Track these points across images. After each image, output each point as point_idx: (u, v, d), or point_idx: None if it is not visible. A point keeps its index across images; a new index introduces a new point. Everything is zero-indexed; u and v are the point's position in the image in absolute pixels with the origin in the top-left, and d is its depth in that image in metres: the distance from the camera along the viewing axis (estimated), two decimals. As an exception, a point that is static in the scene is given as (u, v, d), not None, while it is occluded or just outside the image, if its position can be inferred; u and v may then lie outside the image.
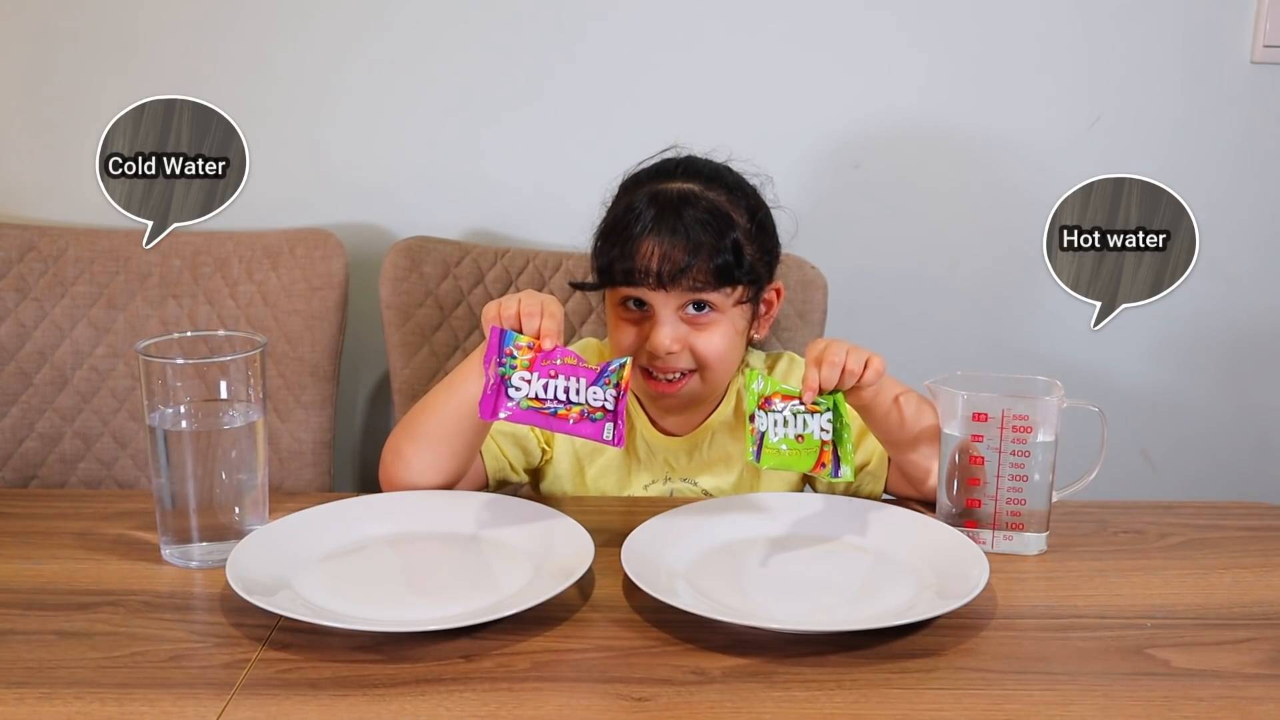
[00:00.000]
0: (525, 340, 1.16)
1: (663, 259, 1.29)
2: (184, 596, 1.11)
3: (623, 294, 1.34)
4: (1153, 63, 1.85)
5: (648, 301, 1.32)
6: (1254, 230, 1.93)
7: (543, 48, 1.84)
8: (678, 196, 1.33)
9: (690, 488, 1.43)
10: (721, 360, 1.34)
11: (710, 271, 1.29)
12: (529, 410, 1.15)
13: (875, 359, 1.19)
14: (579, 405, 1.15)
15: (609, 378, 1.15)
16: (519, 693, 0.95)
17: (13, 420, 1.78)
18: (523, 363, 1.15)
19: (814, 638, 1.02)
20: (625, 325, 1.34)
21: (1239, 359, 1.98)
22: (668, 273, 1.29)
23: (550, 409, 1.15)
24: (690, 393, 1.36)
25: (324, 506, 1.24)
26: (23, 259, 1.79)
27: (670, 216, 1.30)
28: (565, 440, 1.42)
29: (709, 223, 1.30)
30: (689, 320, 1.32)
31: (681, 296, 1.31)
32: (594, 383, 1.15)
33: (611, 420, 1.14)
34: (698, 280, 1.29)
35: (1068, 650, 1.02)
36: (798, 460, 1.15)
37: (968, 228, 1.93)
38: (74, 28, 1.83)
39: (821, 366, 1.17)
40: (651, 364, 1.34)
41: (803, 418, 1.17)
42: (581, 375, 1.15)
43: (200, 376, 1.16)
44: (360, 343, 1.91)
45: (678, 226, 1.29)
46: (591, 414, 1.15)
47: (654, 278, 1.29)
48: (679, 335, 1.32)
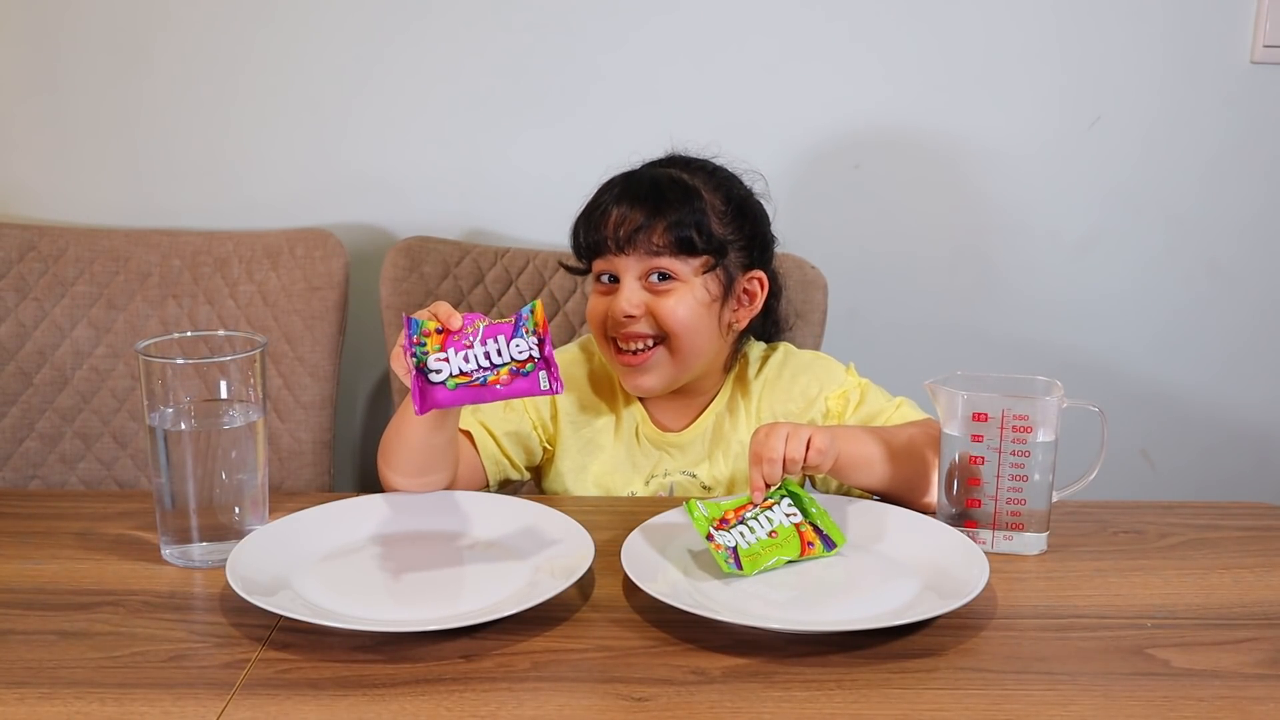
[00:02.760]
0: (432, 325, 1.13)
1: (621, 222, 1.33)
2: (184, 596, 1.11)
3: (596, 269, 1.38)
4: (1153, 63, 1.86)
5: (613, 272, 1.36)
6: (1254, 230, 1.93)
7: (543, 48, 1.84)
8: (654, 173, 1.38)
9: (690, 480, 1.43)
10: (685, 328, 1.35)
11: (668, 235, 1.33)
12: (459, 389, 1.12)
13: (816, 436, 1.19)
14: (505, 365, 1.12)
15: (525, 325, 1.13)
16: (519, 693, 0.95)
17: (13, 420, 1.78)
18: (434, 346, 1.12)
19: (814, 638, 1.02)
20: (596, 298, 1.38)
21: (1239, 359, 1.98)
22: (624, 235, 1.33)
23: (479, 379, 1.12)
24: (660, 367, 1.36)
25: (324, 506, 1.24)
26: (23, 259, 1.79)
27: (635, 186, 1.36)
28: (567, 437, 1.42)
29: (671, 190, 1.35)
30: (651, 288, 1.35)
31: (642, 261, 1.34)
32: (513, 336, 1.12)
33: (544, 368, 1.12)
34: (655, 244, 1.33)
35: (1068, 650, 1.02)
36: (782, 551, 1.14)
37: (968, 228, 1.93)
38: (75, 27, 1.83)
39: (761, 464, 1.18)
40: (618, 333, 1.36)
41: (764, 516, 1.16)
42: (499, 333, 1.12)
43: (200, 376, 1.16)
44: (360, 343, 1.91)
45: (640, 193, 1.35)
46: (521, 368, 1.12)
47: (613, 241, 1.33)
48: (640, 300, 1.34)
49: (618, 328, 1.35)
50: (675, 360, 1.36)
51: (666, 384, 1.39)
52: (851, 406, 1.41)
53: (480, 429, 1.39)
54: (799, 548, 1.14)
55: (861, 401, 1.41)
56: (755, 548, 1.13)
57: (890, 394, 1.44)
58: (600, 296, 1.38)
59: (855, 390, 1.43)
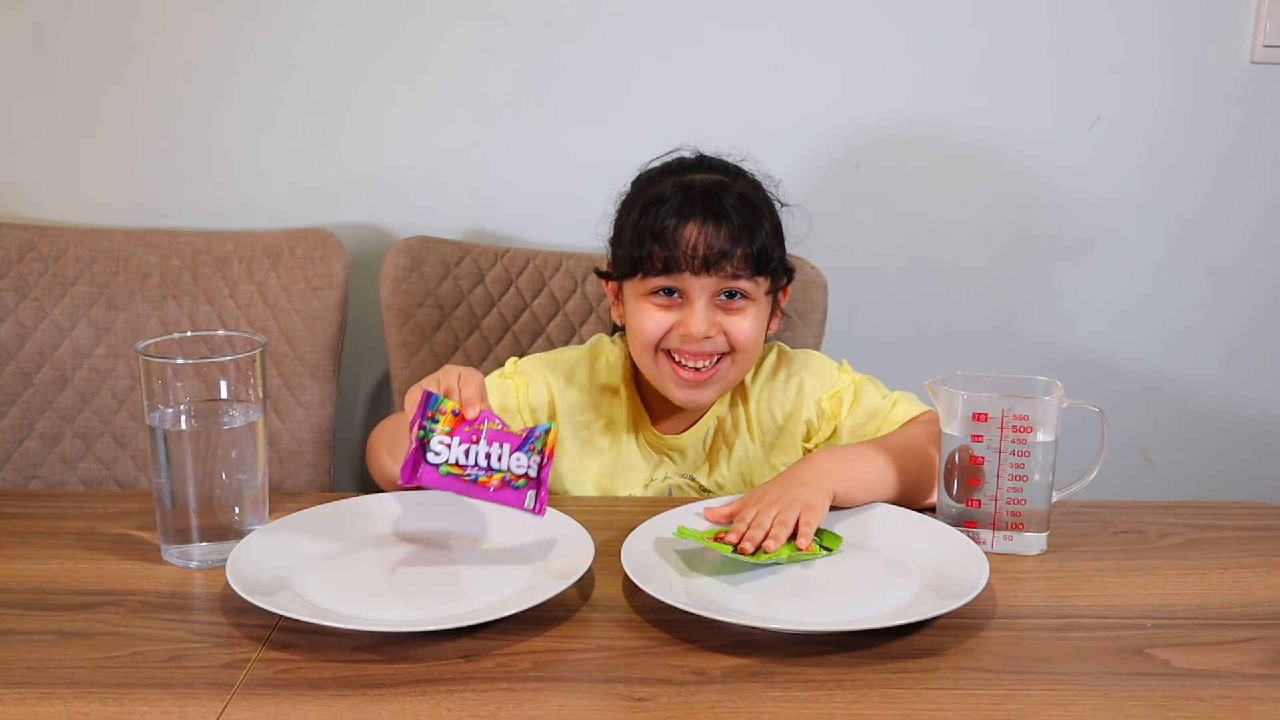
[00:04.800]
0: (451, 406, 1.14)
1: (706, 244, 1.30)
2: (184, 596, 1.11)
3: (655, 284, 1.33)
4: (1153, 63, 1.86)
5: (680, 289, 1.33)
6: (1254, 230, 1.93)
7: (543, 48, 1.84)
8: (710, 185, 1.34)
9: (689, 484, 1.43)
10: (753, 344, 1.35)
11: (749, 258, 1.31)
12: (448, 477, 1.12)
13: (805, 515, 1.15)
14: (500, 472, 1.12)
15: (534, 444, 1.14)
16: (519, 693, 0.95)
17: (13, 420, 1.78)
18: (443, 427, 1.13)
19: (814, 638, 1.02)
20: (655, 312, 1.34)
21: (1239, 359, 1.98)
22: (711, 258, 1.30)
23: (471, 475, 1.12)
24: (721, 381, 1.36)
25: (324, 506, 1.24)
26: (23, 259, 1.79)
27: (709, 202, 1.32)
28: (566, 438, 1.43)
29: (745, 210, 1.32)
30: (721, 306, 1.33)
31: (720, 283, 1.32)
32: (518, 449, 1.13)
33: (534, 488, 1.12)
34: (738, 266, 1.31)
35: (1068, 650, 1.02)
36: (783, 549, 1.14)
37: (968, 228, 1.93)
38: (75, 27, 1.83)
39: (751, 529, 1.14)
40: (681, 350, 1.34)
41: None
42: (505, 441, 1.13)
43: (200, 376, 1.16)
44: (360, 343, 1.91)
45: (720, 211, 1.31)
46: (514, 481, 1.13)
47: (698, 261, 1.30)
48: (714, 320, 1.33)
49: (687, 344, 1.33)
50: (735, 370, 1.37)
51: (721, 395, 1.40)
52: (846, 406, 1.41)
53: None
54: (793, 548, 1.15)
55: (856, 400, 1.41)
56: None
57: (887, 389, 1.43)
58: (659, 311, 1.34)
59: (849, 389, 1.42)
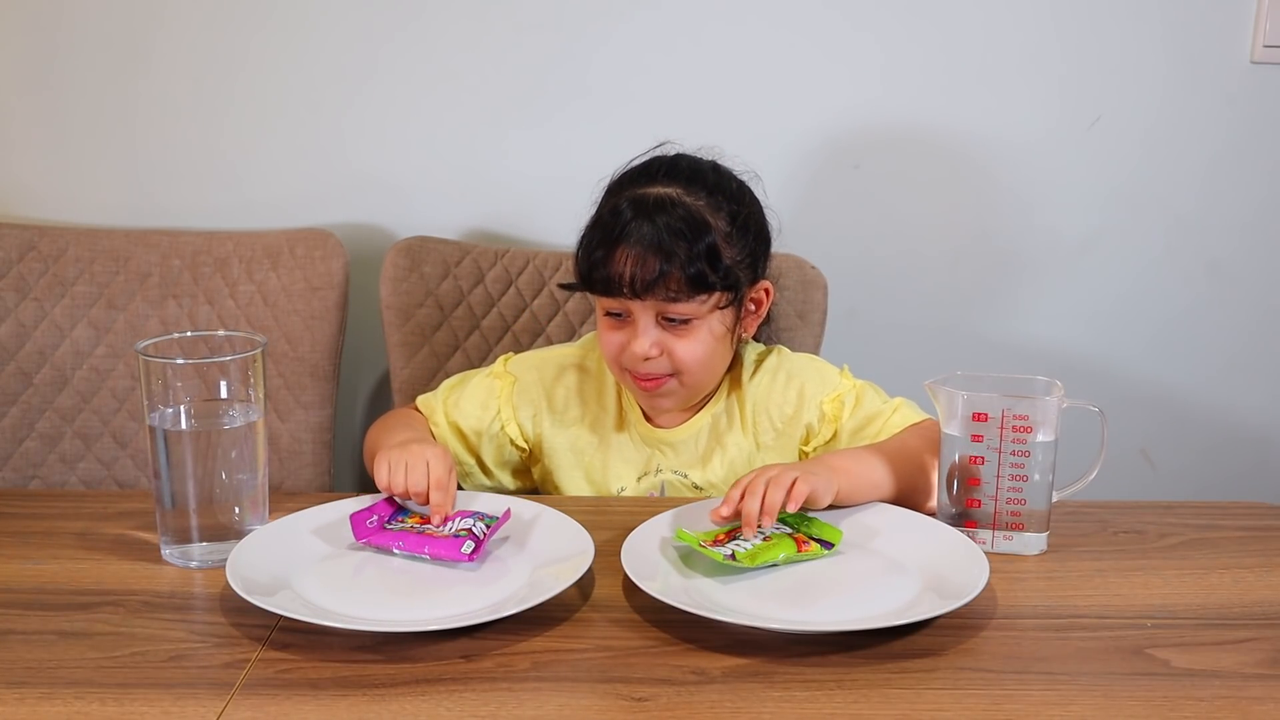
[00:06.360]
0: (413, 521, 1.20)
1: (635, 268, 1.29)
2: (184, 596, 1.11)
3: (604, 304, 1.35)
4: (1153, 63, 1.85)
5: (625, 310, 1.34)
6: (1254, 230, 1.93)
7: (543, 48, 1.84)
8: (654, 203, 1.32)
9: (681, 480, 1.43)
10: (700, 364, 1.35)
11: (683, 280, 1.30)
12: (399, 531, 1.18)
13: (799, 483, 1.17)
14: (449, 529, 1.17)
15: (487, 518, 1.18)
16: (519, 693, 0.95)
17: (13, 420, 1.78)
18: (408, 525, 1.19)
19: (814, 638, 1.02)
20: (608, 331, 1.37)
21: (1239, 359, 1.98)
22: (641, 282, 1.29)
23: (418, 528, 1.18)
24: (675, 393, 1.38)
25: (324, 506, 1.24)
26: (23, 259, 1.79)
27: (644, 224, 1.30)
28: (555, 435, 1.43)
29: (682, 231, 1.30)
30: (667, 328, 1.33)
31: (658, 305, 1.32)
32: (467, 516, 1.19)
33: (473, 540, 1.14)
34: (671, 290, 1.30)
35: (1068, 650, 1.02)
36: (779, 548, 1.14)
37: (967, 228, 1.93)
38: (75, 27, 1.83)
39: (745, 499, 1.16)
40: (633, 368, 1.35)
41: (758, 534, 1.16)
42: (460, 515, 1.19)
43: (200, 376, 1.16)
44: (360, 343, 1.91)
45: (651, 236, 1.29)
46: (455, 533, 1.16)
47: (628, 287, 1.30)
48: (656, 341, 1.33)
49: (633, 364, 1.34)
50: (685, 388, 1.37)
51: (682, 405, 1.42)
52: (848, 411, 1.41)
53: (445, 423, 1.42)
54: (795, 546, 1.15)
55: (858, 404, 1.41)
56: (751, 551, 1.13)
57: (888, 394, 1.43)
58: (612, 333, 1.36)
59: (850, 393, 1.42)
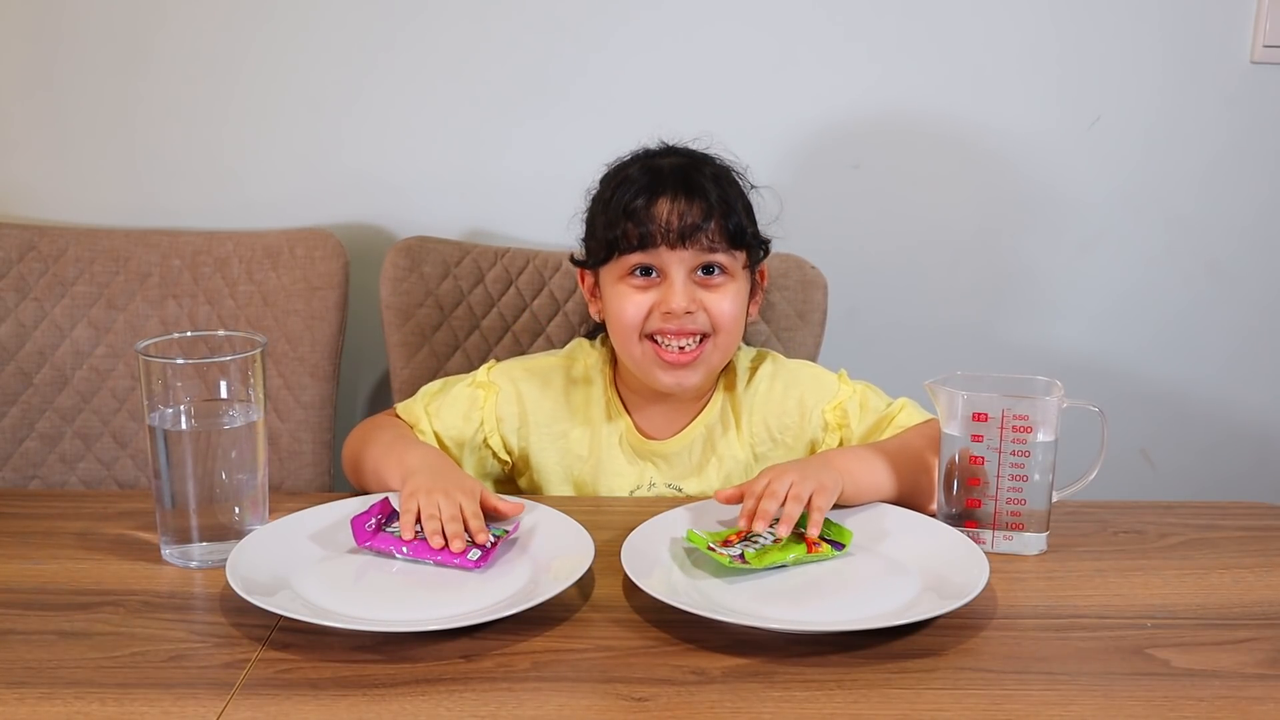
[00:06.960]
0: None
1: (680, 216, 1.28)
2: (184, 596, 1.11)
3: (631, 263, 1.32)
4: (1153, 63, 1.85)
5: (657, 267, 1.31)
6: (1254, 230, 1.93)
7: (543, 47, 1.84)
8: (680, 164, 1.33)
9: (675, 494, 1.41)
10: (734, 323, 1.33)
11: (725, 230, 1.30)
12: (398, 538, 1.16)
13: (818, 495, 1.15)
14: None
15: (494, 532, 1.16)
16: (519, 693, 0.95)
17: (13, 420, 1.78)
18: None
19: (814, 638, 1.02)
20: (634, 294, 1.32)
21: (1239, 359, 1.98)
22: (686, 228, 1.28)
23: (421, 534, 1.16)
24: (706, 363, 1.34)
25: (324, 506, 1.24)
26: (23, 259, 1.79)
27: (681, 178, 1.31)
28: (543, 450, 1.41)
29: (720, 182, 1.31)
30: (700, 283, 1.32)
31: (696, 257, 1.30)
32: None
33: (480, 549, 1.13)
34: (714, 239, 1.29)
35: (1068, 650, 1.02)
36: (789, 550, 1.14)
37: (968, 228, 1.93)
38: (75, 27, 1.83)
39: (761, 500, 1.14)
40: (664, 330, 1.31)
41: (766, 532, 1.15)
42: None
43: (200, 376, 1.16)
44: (360, 343, 1.91)
45: (692, 185, 1.30)
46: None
47: (674, 234, 1.28)
48: (694, 295, 1.31)
49: (669, 322, 1.30)
50: (717, 353, 1.34)
51: (706, 380, 1.37)
52: (854, 419, 1.39)
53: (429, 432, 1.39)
54: (805, 548, 1.14)
55: (863, 410, 1.40)
56: (760, 553, 1.13)
57: (888, 395, 1.43)
58: (638, 293, 1.32)
59: (853, 400, 1.41)
